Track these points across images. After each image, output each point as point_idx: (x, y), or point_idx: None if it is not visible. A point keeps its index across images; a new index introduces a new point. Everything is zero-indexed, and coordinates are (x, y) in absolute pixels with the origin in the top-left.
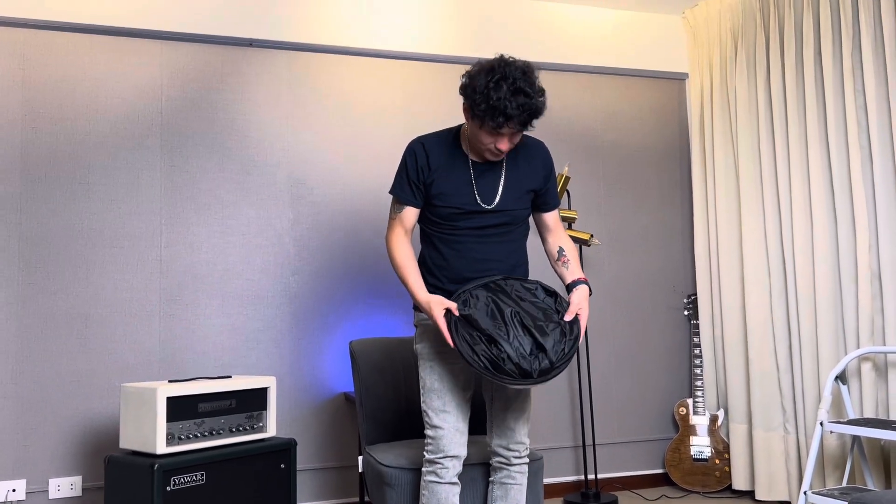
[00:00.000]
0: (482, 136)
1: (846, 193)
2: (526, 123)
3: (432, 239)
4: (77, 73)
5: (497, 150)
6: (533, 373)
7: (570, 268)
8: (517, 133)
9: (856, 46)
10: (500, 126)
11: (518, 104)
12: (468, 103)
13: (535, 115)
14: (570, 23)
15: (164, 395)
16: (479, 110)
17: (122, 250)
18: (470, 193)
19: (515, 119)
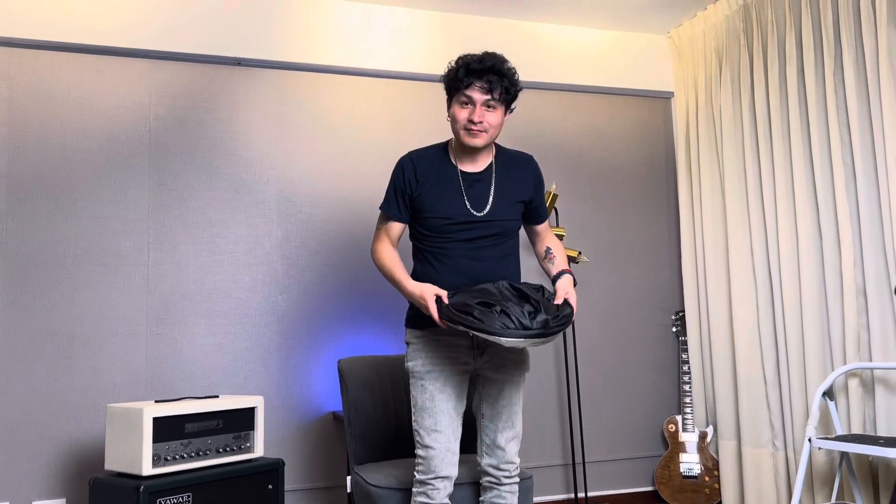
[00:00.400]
0: (456, 112)
1: (830, 210)
2: (494, 84)
3: (424, 254)
4: (63, 92)
5: (471, 121)
6: (532, 325)
7: (556, 262)
8: (491, 105)
9: (838, 65)
10: (468, 86)
11: (482, 63)
12: (445, 85)
13: (502, 75)
14: (556, 42)
15: (150, 416)
16: (449, 79)
17: (108, 269)
18: (460, 202)
19: (482, 75)
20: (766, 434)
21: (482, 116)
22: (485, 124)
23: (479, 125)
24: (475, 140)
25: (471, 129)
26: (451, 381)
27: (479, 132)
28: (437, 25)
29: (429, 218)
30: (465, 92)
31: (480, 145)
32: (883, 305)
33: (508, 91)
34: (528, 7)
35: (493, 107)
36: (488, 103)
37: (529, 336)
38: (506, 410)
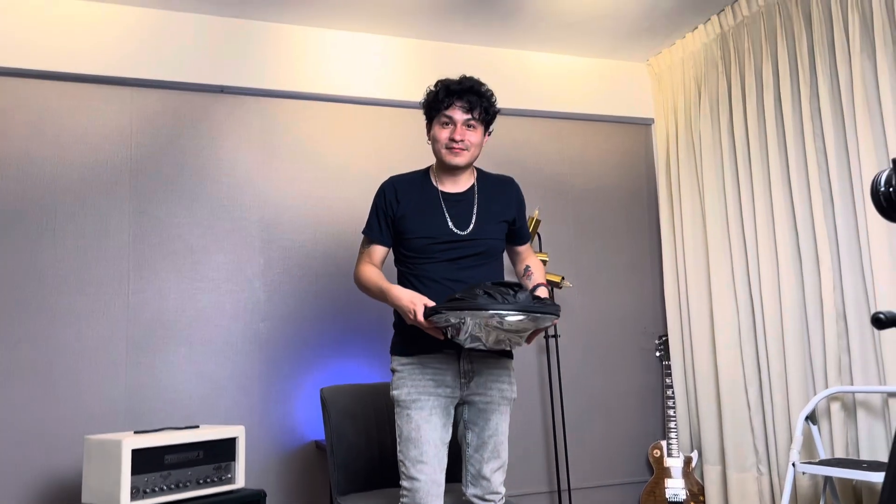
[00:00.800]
0: (437, 132)
1: (809, 234)
2: (473, 105)
3: (408, 277)
4: (45, 120)
5: (452, 140)
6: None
7: (533, 278)
8: (471, 124)
9: (813, 93)
10: (448, 106)
11: (461, 84)
12: (424, 108)
13: (481, 96)
14: (537, 70)
15: (129, 448)
16: (429, 102)
17: (88, 297)
18: (443, 222)
19: (461, 95)
20: (750, 458)
21: (463, 135)
22: (466, 142)
23: (460, 143)
24: (457, 158)
25: (452, 148)
26: (438, 411)
27: (461, 150)
28: (420, 53)
29: (412, 238)
30: (446, 112)
31: (462, 164)
32: (862, 329)
33: (487, 111)
34: (509, 35)
35: (473, 126)
36: (468, 122)
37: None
38: (492, 440)
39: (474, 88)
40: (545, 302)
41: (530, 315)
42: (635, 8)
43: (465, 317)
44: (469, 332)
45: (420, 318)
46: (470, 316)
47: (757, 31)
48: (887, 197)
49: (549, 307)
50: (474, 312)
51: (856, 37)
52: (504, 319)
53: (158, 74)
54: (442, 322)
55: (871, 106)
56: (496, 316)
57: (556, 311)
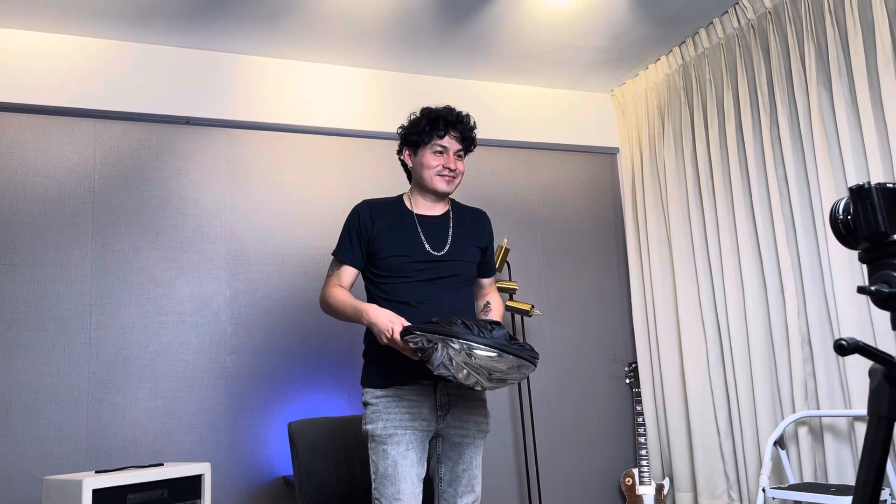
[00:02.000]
0: (429, 160)
1: (773, 261)
2: (465, 136)
3: (380, 301)
4: (4, 152)
5: (446, 169)
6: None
7: (490, 315)
8: (459, 154)
9: (773, 122)
10: (442, 136)
11: (454, 115)
12: (407, 140)
13: (469, 130)
14: (504, 100)
15: (89, 488)
16: (420, 128)
17: (48, 333)
18: (418, 242)
19: (456, 126)
20: (721, 485)
21: (455, 164)
22: (457, 171)
23: (454, 172)
24: (448, 186)
25: (444, 176)
26: (414, 445)
27: (452, 178)
28: (388, 84)
29: (386, 258)
30: (440, 142)
31: (451, 190)
32: (827, 354)
33: (473, 142)
34: (476, 66)
35: (461, 156)
36: (458, 153)
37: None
38: (466, 474)
39: (466, 121)
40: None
41: (501, 354)
42: (599, 39)
43: (437, 342)
44: (440, 361)
45: (397, 336)
46: (441, 342)
47: (717, 62)
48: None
49: (525, 351)
50: (446, 339)
51: (812, 68)
52: (473, 352)
53: (122, 106)
54: (413, 344)
55: (828, 134)
56: (466, 346)
57: (533, 357)
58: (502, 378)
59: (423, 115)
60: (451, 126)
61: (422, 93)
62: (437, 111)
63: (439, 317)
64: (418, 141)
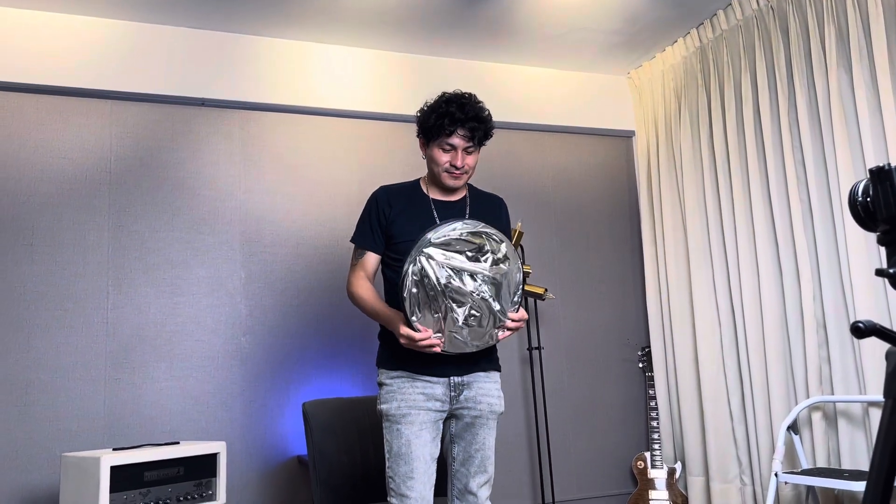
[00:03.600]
0: (437, 155)
1: (789, 245)
2: (475, 131)
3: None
4: (22, 134)
5: (453, 167)
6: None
7: None
8: (470, 149)
9: (791, 106)
10: (451, 134)
11: (464, 111)
12: (421, 128)
13: (483, 122)
14: (520, 83)
15: (107, 465)
16: (430, 124)
17: (66, 313)
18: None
19: (464, 123)
20: (733, 469)
21: (464, 160)
22: (466, 167)
23: (461, 169)
24: (457, 182)
25: (453, 173)
26: (428, 426)
27: (461, 175)
28: (404, 67)
29: (402, 242)
30: (448, 140)
31: (459, 185)
32: (843, 339)
33: (486, 135)
34: (492, 49)
35: (472, 151)
36: (469, 149)
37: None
38: (479, 454)
39: (479, 117)
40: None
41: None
42: (616, 21)
43: (419, 258)
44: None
45: (403, 326)
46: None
47: (736, 44)
48: (864, 207)
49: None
50: (418, 248)
51: (832, 50)
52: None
53: (139, 87)
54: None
55: (847, 118)
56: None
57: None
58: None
59: (433, 110)
60: (459, 124)
61: (437, 75)
62: (447, 107)
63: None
64: (428, 134)
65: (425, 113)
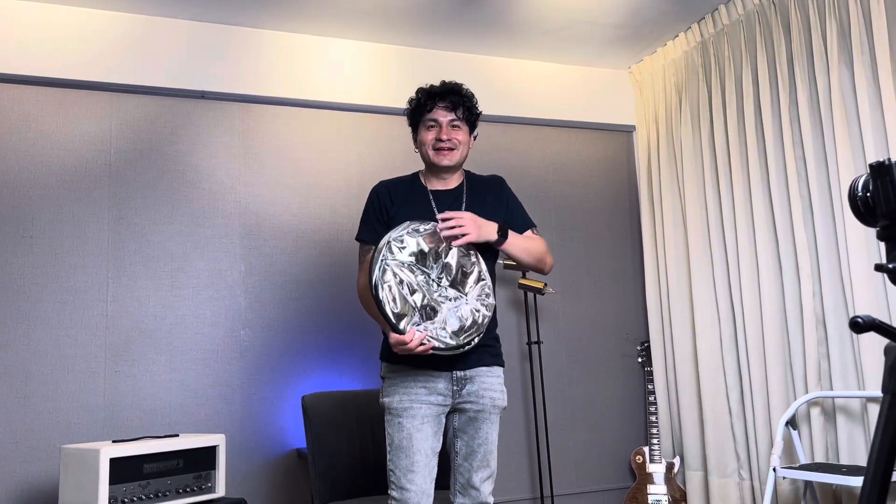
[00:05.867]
0: (424, 135)
1: (789, 241)
2: (456, 105)
3: None
4: (22, 126)
5: (438, 140)
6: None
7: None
8: (455, 124)
9: (793, 101)
10: (431, 109)
11: (443, 87)
12: (408, 116)
13: (462, 96)
14: (520, 77)
15: (107, 457)
16: (413, 109)
17: (66, 305)
18: (432, 217)
19: (443, 97)
20: (731, 464)
21: (449, 134)
22: (453, 141)
23: (447, 142)
24: (446, 158)
25: (440, 149)
26: (429, 419)
27: (449, 150)
28: (403, 60)
29: None
30: (430, 116)
31: (451, 164)
32: (842, 335)
33: (470, 111)
34: (492, 42)
35: (457, 126)
36: (453, 123)
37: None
38: (481, 448)
39: (455, 89)
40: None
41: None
42: (617, 16)
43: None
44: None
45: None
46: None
47: (737, 39)
48: (864, 202)
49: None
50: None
51: (834, 46)
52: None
53: (138, 79)
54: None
55: (848, 113)
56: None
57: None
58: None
59: (415, 95)
60: (437, 97)
61: (437, 68)
62: (424, 87)
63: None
64: (414, 121)
65: (410, 102)
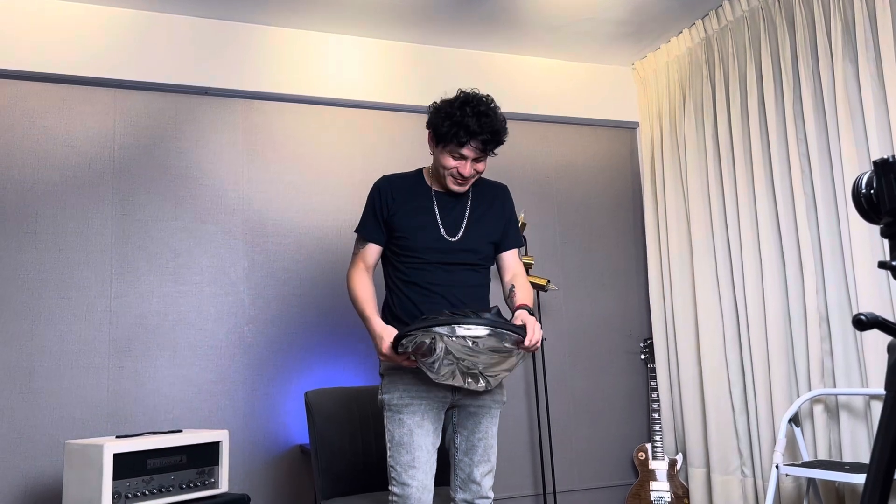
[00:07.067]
0: (445, 160)
1: (793, 238)
2: (488, 144)
3: (395, 281)
4: (26, 121)
5: (459, 175)
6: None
7: (516, 299)
8: (480, 158)
9: (797, 98)
10: (462, 144)
11: (480, 122)
12: (432, 127)
13: (496, 135)
14: (523, 73)
15: (110, 452)
16: (443, 130)
17: (69, 301)
18: (433, 225)
19: (478, 136)
20: (734, 461)
21: (472, 169)
22: (471, 177)
23: (467, 179)
24: (461, 189)
25: (458, 180)
26: (430, 415)
27: (466, 183)
28: (406, 56)
29: (401, 237)
30: (459, 150)
31: (463, 191)
32: (846, 332)
33: (499, 144)
34: (496, 39)
35: (481, 159)
36: (478, 158)
37: (481, 323)
38: (482, 444)
39: (493, 129)
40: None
41: (493, 330)
42: (621, 12)
43: (434, 335)
44: (440, 356)
45: (386, 345)
46: (424, 333)
47: (741, 35)
48: (868, 199)
49: (515, 326)
50: (436, 329)
51: (838, 42)
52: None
53: (142, 76)
54: (411, 346)
55: (853, 110)
56: (458, 329)
57: (522, 331)
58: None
59: (448, 116)
60: (473, 136)
61: (441, 65)
62: (462, 116)
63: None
64: (438, 135)
65: (439, 114)
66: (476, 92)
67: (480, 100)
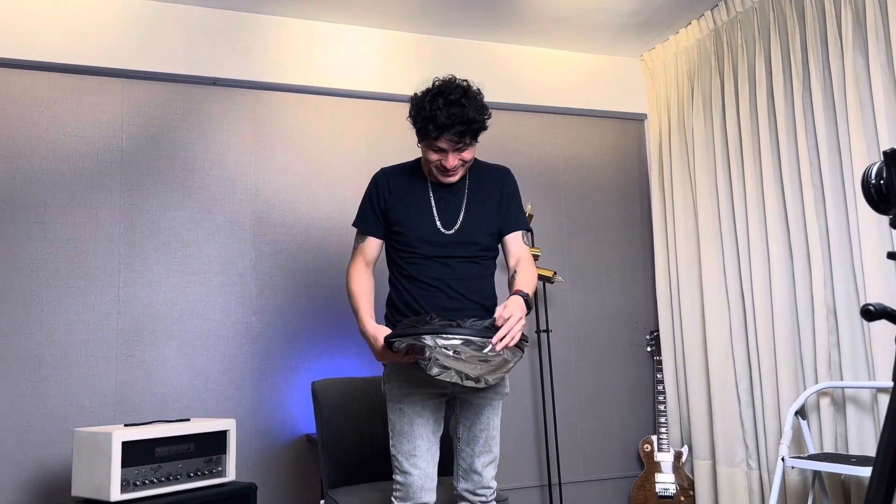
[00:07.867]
0: (428, 154)
1: (801, 230)
2: (463, 135)
3: (396, 275)
4: (34, 111)
5: (443, 167)
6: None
7: (516, 283)
8: (462, 149)
9: (806, 89)
10: (435, 138)
11: (450, 114)
12: (410, 121)
13: (470, 126)
14: (531, 64)
15: (119, 440)
16: (417, 125)
17: (78, 290)
18: (429, 219)
19: (449, 129)
20: (740, 453)
21: (455, 161)
22: (457, 167)
23: (452, 169)
24: (449, 180)
25: (443, 172)
26: (430, 405)
27: (452, 174)
28: (413, 47)
29: (398, 232)
30: (437, 144)
31: (453, 182)
32: (853, 325)
33: (479, 130)
34: (503, 29)
35: (464, 148)
36: (460, 147)
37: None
38: (483, 434)
39: (466, 118)
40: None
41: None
42: (629, 3)
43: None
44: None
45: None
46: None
47: (750, 26)
48: (878, 189)
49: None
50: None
51: (848, 33)
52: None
53: (150, 66)
54: (404, 346)
55: (863, 102)
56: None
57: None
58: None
59: (420, 110)
60: (444, 130)
61: (447, 55)
62: (431, 108)
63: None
64: (416, 131)
65: (413, 109)
66: (452, 78)
67: (454, 88)
